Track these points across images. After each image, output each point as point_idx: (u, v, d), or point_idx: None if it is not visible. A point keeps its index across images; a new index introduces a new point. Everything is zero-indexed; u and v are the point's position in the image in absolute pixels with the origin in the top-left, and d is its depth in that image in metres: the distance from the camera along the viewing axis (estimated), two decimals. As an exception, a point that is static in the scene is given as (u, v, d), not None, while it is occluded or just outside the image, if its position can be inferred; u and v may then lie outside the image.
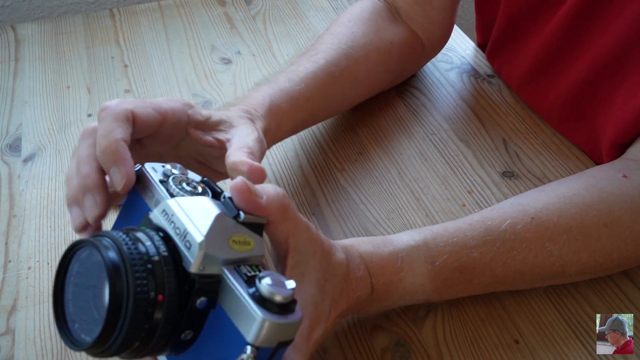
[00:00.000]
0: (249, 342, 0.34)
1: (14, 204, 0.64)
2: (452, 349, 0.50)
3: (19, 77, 0.82)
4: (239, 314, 0.35)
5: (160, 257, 0.35)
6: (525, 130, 0.71)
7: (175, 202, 0.37)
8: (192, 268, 0.35)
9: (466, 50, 0.85)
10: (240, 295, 0.35)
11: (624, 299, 0.53)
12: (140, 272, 0.34)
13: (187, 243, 0.36)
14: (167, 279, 0.35)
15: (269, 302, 0.35)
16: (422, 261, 0.48)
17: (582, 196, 0.51)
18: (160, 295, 0.34)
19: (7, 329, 0.52)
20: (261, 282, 0.35)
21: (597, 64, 0.61)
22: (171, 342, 0.36)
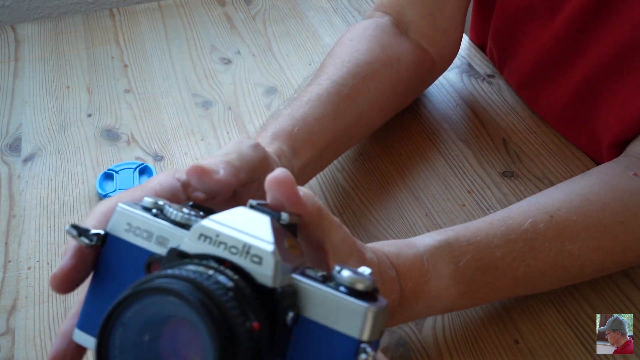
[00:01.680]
0: (361, 340, 0.30)
1: (14, 204, 0.64)
2: (452, 349, 0.50)
3: (19, 77, 0.82)
4: (334, 315, 0.31)
5: (233, 281, 0.30)
6: (525, 130, 0.71)
7: (213, 221, 0.32)
8: (273, 282, 0.31)
9: (466, 50, 0.85)
10: (328, 294, 0.31)
11: (624, 299, 0.53)
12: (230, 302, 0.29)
13: (255, 257, 0.31)
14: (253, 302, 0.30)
15: (358, 292, 0.31)
16: (446, 261, 0.47)
17: (597, 194, 0.51)
18: (255, 323, 0.30)
19: (7, 329, 0.52)
20: (341, 274, 0.31)
21: (598, 66, 0.61)
22: None
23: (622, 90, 0.59)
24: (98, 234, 0.35)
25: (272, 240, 0.31)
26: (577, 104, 0.66)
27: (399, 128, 0.72)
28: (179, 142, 0.71)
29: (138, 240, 0.34)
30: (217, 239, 0.32)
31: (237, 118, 0.74)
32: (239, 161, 0.42)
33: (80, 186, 0.66)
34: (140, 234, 0.34)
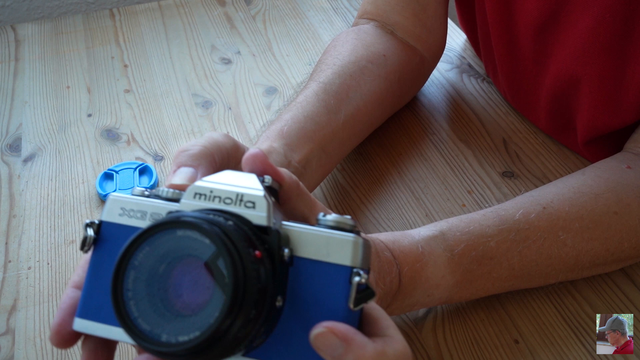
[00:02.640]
0: (353, 266, 0.33)
1: (14, 204, 0.64)
2: (452, 349, 0.50)
3: (19, 77, 0.82)
4: (325, 250, 0.33)
5: (232, 218, 0.33)
6: (525, 130, 0.71)
7: (205, 181, 0.35)
8: (267, 221, 0.33)
9: (466, 50, 0.85)
10: (318, 232, 0.34)
11: (624, 299, 0.53)
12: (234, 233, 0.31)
13: (249, 203, 0.34)
14: (254, 236, 0.32)
15: (343, 229, 0.34)
16: (441, 249, 0.48)
17: (589, 186, 0.52)
18: (258, 251, 0.32)
19: (7, 329, 0.52)
20: (326, 217, 0.34)
21: (564, 76, 0.61)
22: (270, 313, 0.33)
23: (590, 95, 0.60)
24: (92, 223, 0.36)
25: (262, 188, 0.34)
26: (557, 116, 0.66)
27: (399, 128, 0.72)
28: (179, 142, 0.71)
29: (133, 222, 0.36)
30: (212, 194, 0.34)
31: (237, 118, 0.74)
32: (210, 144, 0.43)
33: (80, 186, 0.66)
34: (134, 215, 0.36)
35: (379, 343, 0.33)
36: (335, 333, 0.32)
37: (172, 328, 0.31)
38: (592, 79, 0.59)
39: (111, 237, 0.36)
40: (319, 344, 0.32)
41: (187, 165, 0.41)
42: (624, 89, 0.57)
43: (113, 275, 0.32)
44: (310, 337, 0.32)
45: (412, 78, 0.72)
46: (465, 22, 0.78)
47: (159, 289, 0.32)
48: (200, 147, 0.42)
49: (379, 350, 0.33)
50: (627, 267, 0.55)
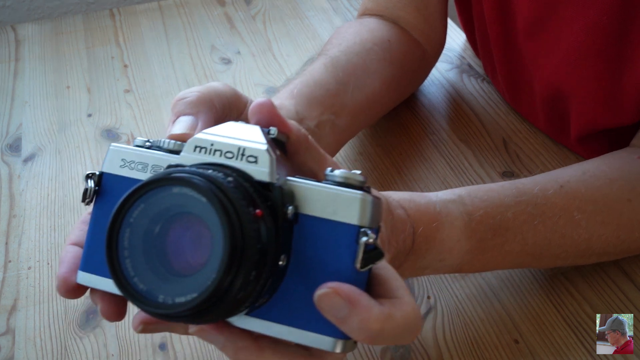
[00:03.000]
0: (360, 225, 0.31)
1: (14, 204, 0.64)
2: (452, 349, 0.50)
3: (19, 77, 0.82)
4: (332, 207, 0.32)
5: (233, 174, 0.31)
6: (525, 130, 0.71)
7: (206, 134, 0.33)
8: (269, 177, 0.32)
9: (466, 50, 0.85)
10: (324, 189, 0.32)
11: (623, 299, 0.53)
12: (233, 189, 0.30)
13: (251, 158, 0.32)
14: (254, 193, 0.31)
15: (351, 185, 0.32)
16: (460, 212, 0.47)
17: (604, 171, 0.53)
18: (258, 210, 0.30)
19: (8, 328, 0.52)
20: (334, 173, 0.33)
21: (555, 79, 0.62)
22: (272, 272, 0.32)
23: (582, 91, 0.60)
24: (92, 174, 0.36)
25: (265, 142, 0.33)
26: (552, 119, 0.66)
27: (399, 128, 0.72)
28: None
29: (134, 173, 0.35)
30: (212, 147, 0.33)
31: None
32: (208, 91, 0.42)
33: (80, 186, 0.66)
34: (135, 167, 0.35)
35: (386, 305, 0.32)
36: (340, 294, 0.31)
37: (170, 288, 0.30)
38: (587, 80, 0.59)
39: (112, 189, 0.35)
40: (323, 304, 0.31)
41: (186, 113, 0.39)
42: (620, 91, 0.57)
43: (107, 234, 0.30)
44: (314, 297, 0.31)
45: (414, 69, 0.72)
46: (465, 22, 0.78)
47: (156, 248, 0.31)
48: (198, 94, 0.41)
49: (385, 313, 0.31)
50: (627, 267, 0.55)
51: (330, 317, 0.31)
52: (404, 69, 0.69)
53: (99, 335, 0.51)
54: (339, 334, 0.32)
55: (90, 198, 0.35)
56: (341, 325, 0.31)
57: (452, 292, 0.54)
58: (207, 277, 0.29)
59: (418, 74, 0.74)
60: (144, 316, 0.35)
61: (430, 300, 0.53)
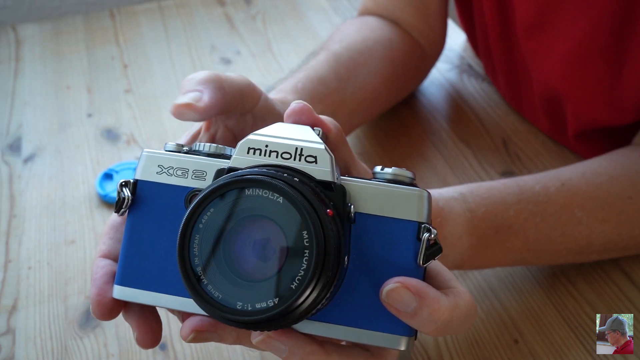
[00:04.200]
0: (420, 222, 0.31)
1: (14, 204, 0.64)
2: (452, 349, 0.50)
3: (19, 78, 0.82)
4: (389, 205, 0.32)
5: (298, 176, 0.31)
6: (525, 130, 0.71)
7: (258, 134, 0.32)
8: (330, 176, 0.31)
9: (466, 50, 0.85)
10: (380, 187, 0.32)
11: (623, 299, 0.53)
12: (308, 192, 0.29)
13: (309, 157, 0.32)
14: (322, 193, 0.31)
15: (403, 182, 0.32)
16: (462, 209, 0.47)
17: (605, 167, 0.53)
18: (329, 209, 0.30)
19: (8, 328, 0.52)
20: (384, 171, 0.33)
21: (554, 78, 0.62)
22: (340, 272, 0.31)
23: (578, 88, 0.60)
24: (127, 182, 0.34)
25: (322, 141, 0.32)
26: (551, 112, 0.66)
27: (399, 128, 0.72)
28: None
29: (173, 180, 0.34)
30: (267, 149, 0.32)
31: (237, 118, 0.74)
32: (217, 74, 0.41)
33: (80, 186, 0.66)
34: (174, 173, 0.34)
35: (450, 296, 0.32)
36: (409, 288, 0.31)
37: (246, 295, 0.29)
38: (587, 80, 0.59)
39: (148, 197, 0.34)
40: (392, 300, 0.31)
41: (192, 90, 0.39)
42: (620, 90, 0.57)
43: (179, 242, 0.30)
44: (382, 293, 0.31)
45: (414, 68, 0.72)
46: (465, 22, 0.78)
47: (227, 253, 0.30)
48: (207, 73, 0.40)
49: (452, 303, 0.32)
50: (626, 267, 0.55)
51: (399, 312, 0.31)
52: (404, 68, 0.69)
53: (99, 335, 0.51)
54: (401, 330, 0.32)
55: (125, 208, 0.34)
56: (410, 319, 0.31)
57: (452, 292, 0.54)
58: (287, 281, 0.28)
59: (417, 73, 0.74)
60: (195, 324, 0.33)
61: (430, 300, 0.53)
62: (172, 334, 0.51)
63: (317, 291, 0.29)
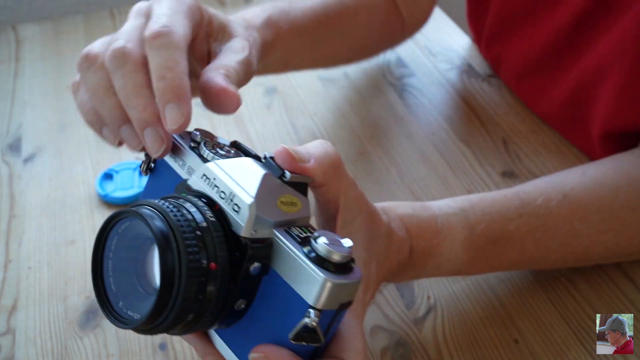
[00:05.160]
0: (311, 305, 0.33)
1: (14, 204, 0.64)
2: (452, 349, 0.50)
3: (19, 78, 0.82)
4: (297, 277, 0.33)
5: (208, 222, 0.33)
6: (525, 130, 0.71)
7: (216, 165, 0.36)
8: (244, 232, 0.33)
9: (466, 50, 0.85)
10: (297, 257, 0.33)
11: (623, 299, 0.53)
12: (191, 240, 0.32)
13: (235, 206, 0.34)
14: (218, 245, 0.33)
15: (327, 262, 0.33)
16: (461, 227, 0.47)
17: (610, 177, 0.52)
18: (213, 263, 0.32)
19: (8, 328, 0.52)
20: (317, 242, 0.33)
21: (593, 68, 0.61)
22: (223, 313, 0.34)
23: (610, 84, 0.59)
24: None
25: (255, 193, 0.34)
26: (573, 104, 0.66)
27: (399, 128, 0.72)
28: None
29: (175, 166, 0.39)
30: (213, 182, 0.35)
31: (237, 118, 0.74)
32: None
33: (80, 186, 0.66)
34: (177, 161, 0.39)
35: None
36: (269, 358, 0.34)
37: (134, 302, 0.33)
38: (622, 69, 0.58)
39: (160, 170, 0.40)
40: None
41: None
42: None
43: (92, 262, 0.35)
44: (250, 358, 0.34)
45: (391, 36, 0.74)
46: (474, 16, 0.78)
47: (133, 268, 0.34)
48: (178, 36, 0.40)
49: None
50: (627, 267, 0.55)
51: None
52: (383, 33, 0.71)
53: (99, 335, 0.51)
54: None
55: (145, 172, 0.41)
56: None
57: (452, 292, 0.54)
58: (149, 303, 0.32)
59: (390, 40, 0.76)
60: None
61: (430, 300, 0.53)
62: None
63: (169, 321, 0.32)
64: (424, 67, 0.82)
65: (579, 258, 0.52)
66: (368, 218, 0.42)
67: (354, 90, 0.79)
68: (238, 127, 0.73)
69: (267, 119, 0.74)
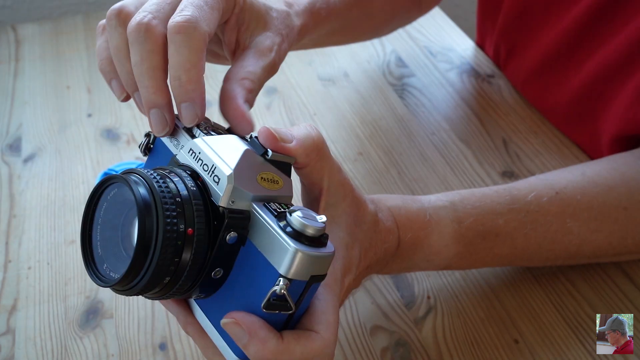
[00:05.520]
0: (281, 274, 0.34)
1: (14, 204, 0.64)
2: (452, 349, 0.50)
3: (19, 78, 0.82)
4: (271, 247, 0.35)
5: (189, 192, 0.35)
6: (525, 130, 0.71)
7: (202, 141, 0.37)
8: (221, 202, 0.35)
9: (466, 50, 0.85)
10: (271, 228, 0.35)
11: (623, 299, 0.53)
12: (170, 206, 0.34)
13: (216, 177, 0.35)
14: (197, 212, 0.35)
15: (300, 234, 0.34)
16: (449, 220, 0.48)
17: (604, 177, 0.52)
18: (190, 229, 0.34)
19: (8, 328, 0.52)
20: (292, 215, 0.34)
21: (608, 64, 0.61)
22: (200, 280, 0.36)
23: (630, 86, 0.59)
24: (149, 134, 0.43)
25: (234, 166, 0.35)
26: (583, 101, 0.65)
27: (399, 128, 0.72)
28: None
29: (170, 145, 0.41)
30: (198, 156, 0.37)
31: (237, 118, 0.74)
32: None
33: (80, 186, 0.66)
34: (172, 141, 0.41)
35: (289, 338, 0.35)
36: (240, 324, 0.35)
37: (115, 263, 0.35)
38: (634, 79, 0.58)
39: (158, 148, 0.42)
40: (228, 330, 0.35)
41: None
42: None
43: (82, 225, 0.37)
44: (221, 323, 0.35)
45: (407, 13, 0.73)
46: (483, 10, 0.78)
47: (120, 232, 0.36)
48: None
49: (281, 347, 0.35)
50: (627, 267, 0.55)
51: (235, 341, 0.35)
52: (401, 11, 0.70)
53: (99, 335, 0.51)
54: (240, 353, 0.37)
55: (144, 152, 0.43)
56: (244, 350, 0.35)
57: (452, 292, 0.54)
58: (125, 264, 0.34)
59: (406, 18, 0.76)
60: None
61: (430, 300, 0.53)
62: (172, 334, 0.51)
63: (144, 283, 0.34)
64: (424, 67, 0.82)
65: (571, 255, 0.52)
66: (353, 204, 0.42)
67: (354, 90, 0.79)
68: (238, 127, 0.73)
69: (267, 119, 0.74)
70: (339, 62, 0.84)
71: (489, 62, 0.82)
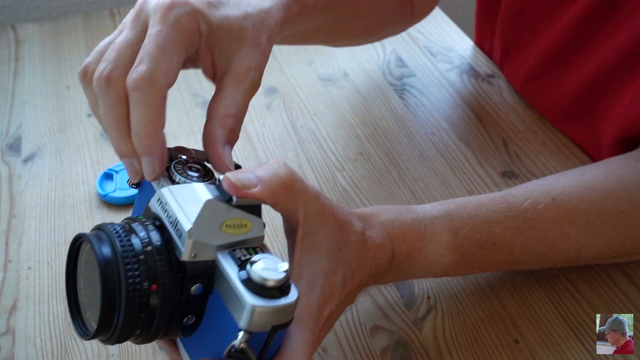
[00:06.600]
0: (241, 328, 0.35)
1: (14, 204, 0.64)
2: (452, 349, 0.50)
3: (19, 78, 0.82)
4: (232, 300, 0.35)
5: (153, 247, 0.36)
6: (525, 130, 0.71)
7: (168, 191, 0.38)
8: (184, 256, 0.36)
9: (466, 50, 0.85)
10: (231, 281, 0.35)
11: (623, 299, 0.53)
12: (132, 265, 0.35)
13: (178, 232, 0.36)
14: (160, 268, 0.36)
15: (259, 286, 0.35)
16: (445, 230, 0.48)
17: (602, 182, 0.52)
18: (154, 285, 0.36)
19: (8, 328, 0.52)
20: (252, 267, 0.35)
21: (607, 64, 0.61)
22: (174, 327, 0.37)
23: (630, 87, 0.59)
24: None
25: (194, 219, 0.36)
26: (582, 101, 0.65)
27: (399, 128, 0.72)
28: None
29: (154, 184, 0.41)
30: (165, 207, 0.38)
31: (237, 118, 0.74)
32: None
33: (80, 186, 0.66)
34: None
35: None
36: None
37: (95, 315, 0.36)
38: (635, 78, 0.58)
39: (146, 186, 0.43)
40: None
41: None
42: None
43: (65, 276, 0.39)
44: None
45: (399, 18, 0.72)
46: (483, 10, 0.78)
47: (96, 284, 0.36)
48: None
49: None
50: (627, 267, 0.55)
51: None
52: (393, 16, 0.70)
53: (99, 335, 0.51)
54: None
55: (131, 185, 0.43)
56: None
57: (452, 292, 0.54)
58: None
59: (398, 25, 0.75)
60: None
61: (430, 300, 0.54)
62: (172, 334, 0.51)
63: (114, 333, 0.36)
64: (424, 67, 0.82)
65: (570, 260, 0.52)
66: (335, 229, 0.42)
67: (354, 90, 0.79)
68: (238, 127, 0.73)
69: (267, 119, 0.74)
70: (339, 62, 0.84)
71: (489, 62, 0.82)
